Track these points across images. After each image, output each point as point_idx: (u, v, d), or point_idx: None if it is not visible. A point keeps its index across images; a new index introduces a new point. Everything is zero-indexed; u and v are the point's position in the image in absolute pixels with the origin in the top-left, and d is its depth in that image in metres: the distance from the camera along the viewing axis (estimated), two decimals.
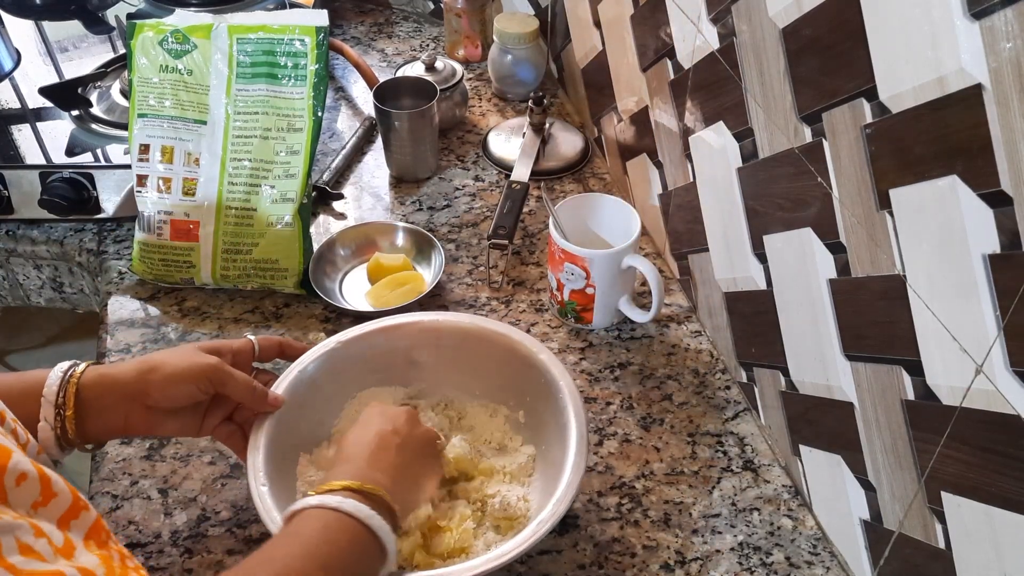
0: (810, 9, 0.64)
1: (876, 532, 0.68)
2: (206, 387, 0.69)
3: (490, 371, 0.80)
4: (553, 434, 0.74)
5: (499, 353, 0.79)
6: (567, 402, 0.73)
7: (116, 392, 0.67)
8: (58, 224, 1.06)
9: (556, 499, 0.67)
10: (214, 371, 0.69)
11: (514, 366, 0.78)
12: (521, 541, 0.64)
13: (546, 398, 0.76)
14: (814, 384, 0.73)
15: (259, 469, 0.69)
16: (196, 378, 0.68)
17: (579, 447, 0.70)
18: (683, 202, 0.93)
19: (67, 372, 0.66)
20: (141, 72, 0.97)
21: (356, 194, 1.13)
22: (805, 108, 0.67)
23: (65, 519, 0.47)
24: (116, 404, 0.67)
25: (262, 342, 0.76)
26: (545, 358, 0.77)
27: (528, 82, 1.27)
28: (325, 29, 0.96)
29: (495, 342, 0.79)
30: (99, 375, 0.67)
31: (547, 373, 0.76)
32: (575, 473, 0.68)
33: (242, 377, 0.70)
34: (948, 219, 0.53)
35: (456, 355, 0.81)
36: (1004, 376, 0.51)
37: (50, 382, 0.65)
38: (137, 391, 0.67)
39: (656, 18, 0.91)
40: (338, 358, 0.79)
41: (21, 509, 0.44)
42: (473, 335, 0.80)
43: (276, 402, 0.73)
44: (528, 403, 0.78)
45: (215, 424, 0.73)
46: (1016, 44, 0.46)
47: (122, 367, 0.69)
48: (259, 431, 0.71)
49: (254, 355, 0.75)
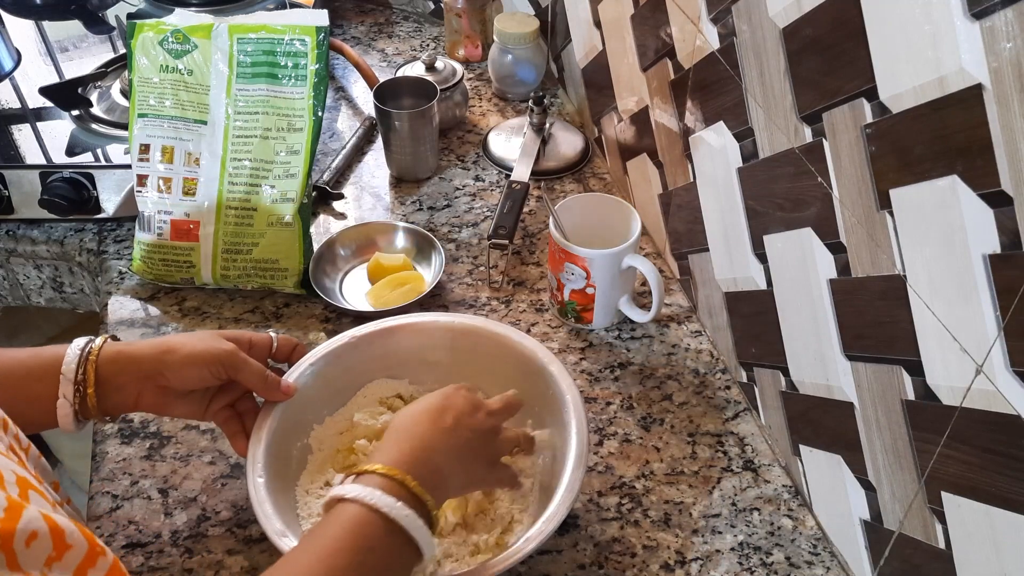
0: (810, 9, 0.64)
1: (876, 532, 0.68)
2: (220, 372, 0.69)
3: (502, 376, 0.80)
4: (555, 428, 0.74)
5: (511, 359, 0.79)
6: (569, 406, 0.73)
7: (132, 370, 0.68)
8: (58, 224, 1.06)
9: (557, 501, 0.67)
10: (230, 357, 0.69)
11: (524, 373, 0.78)
12: (526, 539, 0.64)
13: (552, 407, 0.75)
14: (814, 384, 0.73)
15: (258, 461, 0.69)
16: (212, 362, 0.68)
17: (579, 448, 0.70)
18: (683, 202, 0.93)
19: (85, 348, 0.67)
20: (141, 72, 0.97)
21: (356, 194, 1.13)
22: (805, 108, 0.67)
23: (82, 568, 0.46)
24: (131, 382, 0.68)
25: (281, 340, 0.76)
26: (555, 370, 0.76)
27: (528, 82, 1.27)
28: (325, 29, 0.96)
29: (508, 347, 0.79)
30: (117, 351, 0.68)
31: (556, 385, 0.75)
32: (576, 473, 0.68)
33: (256, 365, 0.71)
34: (948, 219, 0.53)
35: (471, 358, 0.81)
36: (1004, 376, 0.51)
37: (68, 359, 0.66)
38: (153, 370, 0.68)
39: (656, 18, 0.91)
40: (349, 355, 0.79)
41: (34, 569, 0.43)
42: (486, 339, 0.80)
43: (288, 391, 0.73)
44: (536, 412, 0.78)
45: (218, 409, 0.73)
46: (1016, 44, 0.46)
47: (140, 345, 0.69)
48: (263, 422, 0.72)
49: (271, 350, 0.76)
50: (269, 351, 0.75)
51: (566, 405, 0.73)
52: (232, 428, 0.73)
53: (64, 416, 0.66)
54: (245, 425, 0.73)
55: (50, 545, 0.45)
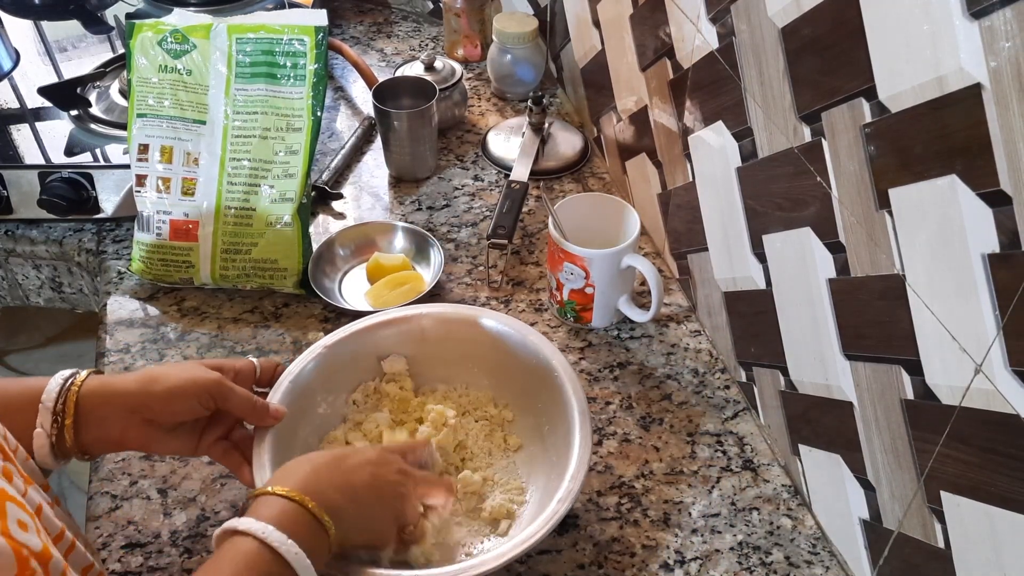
0: (809, 9, 0.64)
1: (875, 532, 0.68)
2: (207, 402, 0.68)
3: (505, 376, 0.81)
4: (557, 428, 0.75)
5: (516, 358, 0.80)
6: (570, 395, 0.74)
7: (116, 402, 0.66)
8: (57, 224, 1.06)
9: (559, 497, 0.67)
10: (216, 386, 0.68)
11: (529, 373, 0.79)
12: (526, 538, 0.64)
13: (540, 381, 0.76)
14: (813, 384, 0.73)
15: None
16: (198, 392, 0.67)
17: (583, 443, 0.70)
18: (682, 202, 0.93)
19: (68, 380, 0.65)
20: (140, 72, 0.97)
21: (355, 194, 1.13)
22: (804, 108, 0.67)
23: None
24: (115, 415, 0.66)
25: (263, 364, 0.75)
26: (562, 371, 0.76)
27: (527, 82, 1.27)
28: (324, 29, 0.96)
29: (512, 344, 0.80)
30: (100, 384, 0.66)
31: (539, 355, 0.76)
32: (579, 468, 0.69)
33: (243, 393, 0.70)
34: (947, 219, 0.53)
35: (443, 347, 0.82)
36: (1003, 376, 0.51)
37: (49, 389, 0.64)
38: (138, 403, 0.66)
39: (655, 18, 0.91)
40: (328, 361, 0.79)
41: None
42: (459, 323, 0.81)
43: (278, 415, 0.72)
44: (523, 396, 0.79)
45: (211, 442, 0.72)
46: (1015, 43, 0.46)
47: (124, 378, 0.67)
48: (261, 446, 0.70)
49: (255, 376, 0.75)
50: (253, 378, 0.74)
51: (570, 405, 0.74)
52: (233, 460, 0.72)
53: (40, 447, 0.63)
54: (246, 455, 0.71)
55: None
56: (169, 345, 0.92)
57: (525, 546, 0.63)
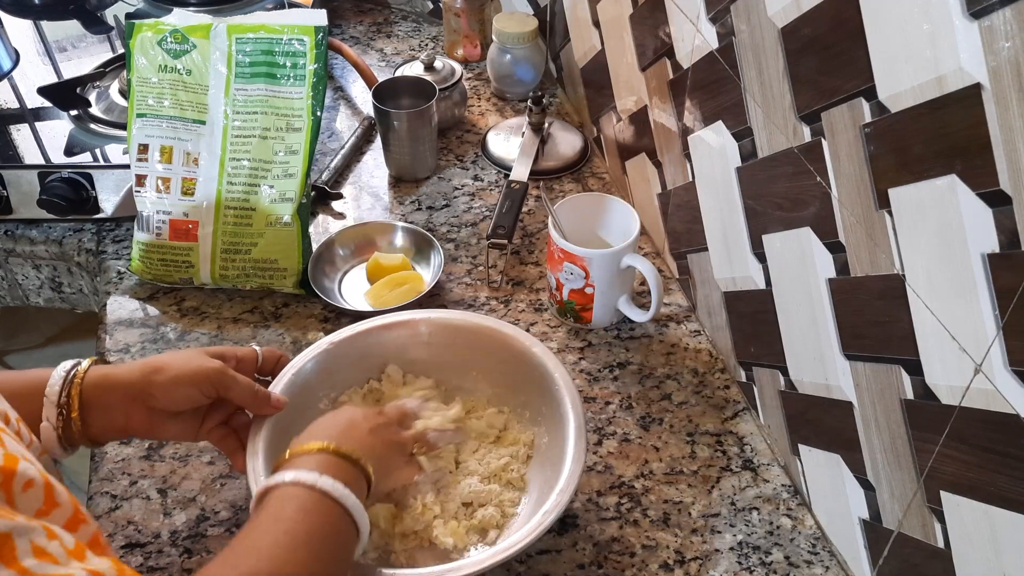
0: (809, 9, 0.64)
1: (875, 531, 0.68)
2: (209, 390, 0.69)
3: (499, 374, 0.81)
4: (552, 427, 0.75)
5: (495, 349, 0.80)
6: (563, 394, 0.74)
7: (119, 392, 0.67)
8: (57, 224, 1.06)
9: (559, 489, 0.67)
10: (218, 375, 0.69)
11: (508, 360, 0.79)
12: (526, 534, 0.64)
13: (541, 392, 0.76)
14: (813, 383, 0.73)
15: (259, 473, 0.69)
16: (200, 381, 0.68)
17: (578, 438, 0.71)
18: (682, 202, 0.93)
19: (70, 371, 0.66)
20: (140, 72, 0.97)
21: (355, 194, 1.13)
22: (804, 107, 0.67)
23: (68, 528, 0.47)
24: (119, 404, 0.67)
25: (265, 353, 0.76)
26: (539, 351, 0.77)
27: (527, 82, 1.27)
28: (324, 29, 0.96)
29: (491, 337, 0.80)
30: (102, 375, 0.67)
31: (542, 366, 0.77)
32: (576, 464, 0.69)
33: (245, 381, 0.70)
34: (947, 218, 0.53)
35: (448, 352, 0.81)
36: (1003, 375, 0.51)
37: (52, 381, 0.65)
38: (141, 392, 0.67)
39: (655, 17, 0.91)
40: (331, 359, 0.79)
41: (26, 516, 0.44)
42: (464, 331, 0.81)
43: (278, 404, 0.73)
44: (523, 400, 0.79)
45: (211, 428, 0.72)
46: (1015, 43, 0.46)
47: (126, 367, 0.68)
48: (256, 435, 0.71)
49: (257, 365, 0.75)
50: (255, 366, 0.75)
51: (563, 403, 0.74)
52: (230, 446, 0.73)
53: (48, 440, 0.64)
54: (243, 441, 0.72)
55: (42, 498, 0.46)
56: (169, 345, 0.92)
57: (530, 537, 0.64)
